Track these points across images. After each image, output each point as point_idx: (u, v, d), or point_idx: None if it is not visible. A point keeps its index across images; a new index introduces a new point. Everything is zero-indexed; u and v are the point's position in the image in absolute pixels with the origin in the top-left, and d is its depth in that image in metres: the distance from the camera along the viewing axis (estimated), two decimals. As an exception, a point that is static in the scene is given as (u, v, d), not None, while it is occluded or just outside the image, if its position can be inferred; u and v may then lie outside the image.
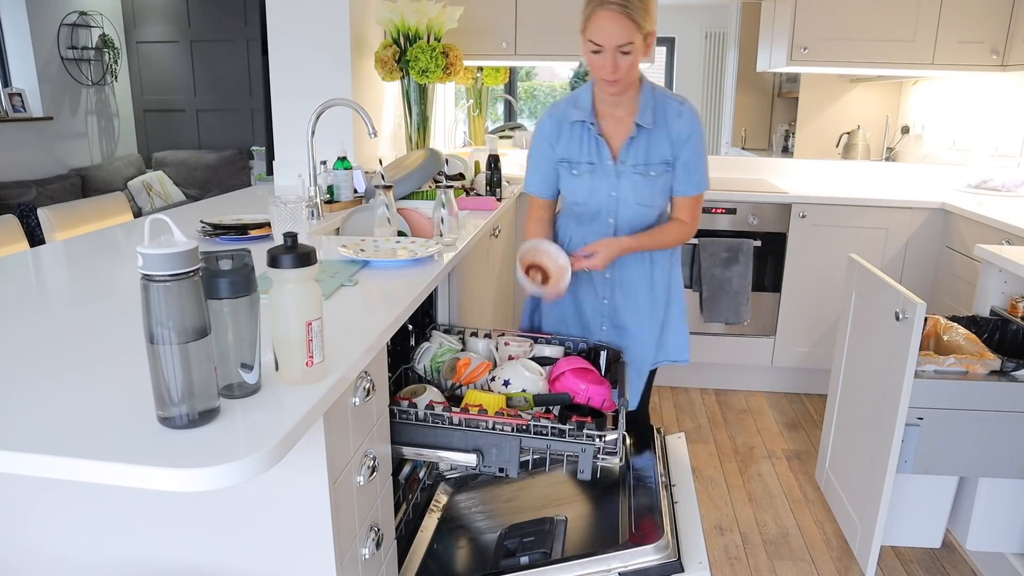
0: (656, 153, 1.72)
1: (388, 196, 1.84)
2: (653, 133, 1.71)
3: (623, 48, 1.57)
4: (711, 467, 2.67)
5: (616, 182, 1.74)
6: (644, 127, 1.70)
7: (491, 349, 1.70)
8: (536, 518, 1.56)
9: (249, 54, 5.78)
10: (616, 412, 1.46)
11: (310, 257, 0.95)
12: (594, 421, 1.38)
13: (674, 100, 1.72)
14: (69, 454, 0.78)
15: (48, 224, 2.61)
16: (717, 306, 3.12)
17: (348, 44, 2.70)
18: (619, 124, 1.74)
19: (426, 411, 1.38)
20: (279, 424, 0.86)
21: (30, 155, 4.99)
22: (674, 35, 3.92)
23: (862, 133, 3.71)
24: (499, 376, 1.51)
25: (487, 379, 1.54)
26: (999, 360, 1.83)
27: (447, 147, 3.85)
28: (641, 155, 1.72)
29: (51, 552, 1.11)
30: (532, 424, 1.36)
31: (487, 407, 1.39)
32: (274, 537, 1.06)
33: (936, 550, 2.18)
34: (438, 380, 1.59)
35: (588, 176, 1.76)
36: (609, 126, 1.75)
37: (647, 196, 1.75)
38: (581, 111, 1.74)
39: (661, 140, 1.71)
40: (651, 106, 1.70)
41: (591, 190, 1.76)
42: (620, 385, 1.57)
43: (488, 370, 1.55)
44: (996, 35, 3.07)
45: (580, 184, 1.77)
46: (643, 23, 1.57)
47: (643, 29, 1.58)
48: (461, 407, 1.40)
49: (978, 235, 2.71)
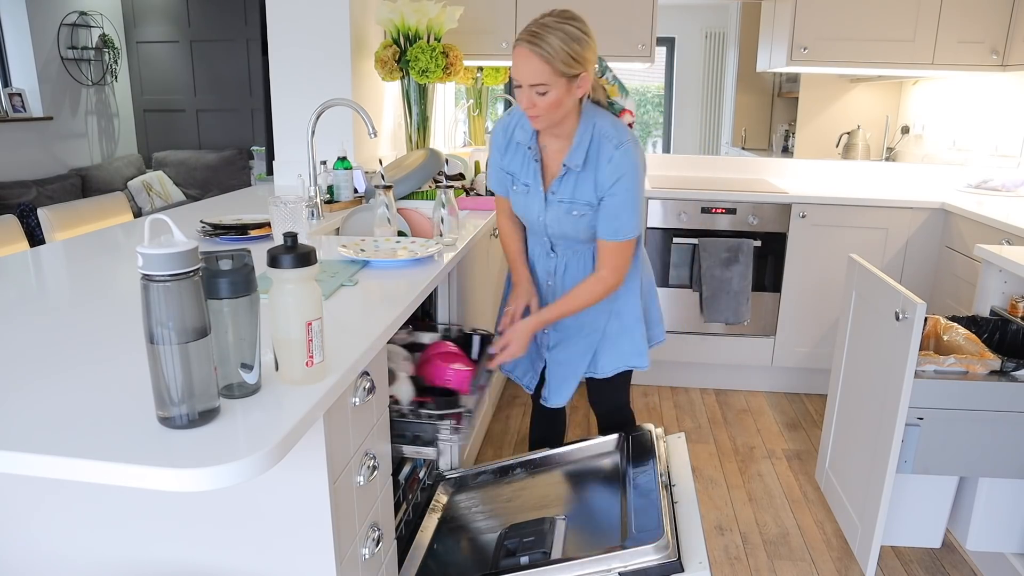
0: (581, 194, 1.68)
1: (388, 196, 1.84)
2: (581, 174, 1.67)
3: (537, 88, 1.53)
4: (711, 467, 2.67)
5: (545, 209, 1.74)
6: (571, 168, 1.67)
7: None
8: (536, 518, 1.56)
9: (249, 54, 5.78)
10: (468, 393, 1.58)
11: (310, 257, 0.95)
12: (435, 401, 1.53)
13: (610, 142, 1.64)
14: (69, 454, 0.78)
15: (48, 224, 2.61)
16: (717, 306, 3.12)
17: (348, 44, 2.70)
18: (555, 156, 1.72)
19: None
20: (279, 424, 0.86)
21: (30, 155, 4.99)
22: (674, 35, 3.92)
23: (862, 133, 3.71)
24: None
25: None
26: (999, 360, 1.83)
27: (447, 147, 3.85)
28: (568, 193, 1.69)
29: (51, 552, 1.11)
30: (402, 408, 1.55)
31: None
32: (274, 537, 1.06)
33: (936, 550, 2.18)
34: None
35: (523, 195, 1.77)
36: (548, 155, 1.73)
37: (571, 230, 1.74)
38: (525, 133, 1.72)
39: (587, 183, 1.67)
40: (585, 147, 1.65)
41: (526, 208, 1.78)
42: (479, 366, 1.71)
43: None
44: (996, 35, 3.07)
45: (517, 199, 1.79)
46: (564, 67, 1.51)
47: (565, 73, 1.52)
48: None
49: (978, 235, 2.71)
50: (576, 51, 1.52)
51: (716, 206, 3.13)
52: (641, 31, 3.18)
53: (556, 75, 1.52)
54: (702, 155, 3.85)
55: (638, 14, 3.17)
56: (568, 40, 1.51)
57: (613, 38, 3.19)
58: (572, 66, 1.52)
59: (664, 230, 3.15)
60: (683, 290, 3.22)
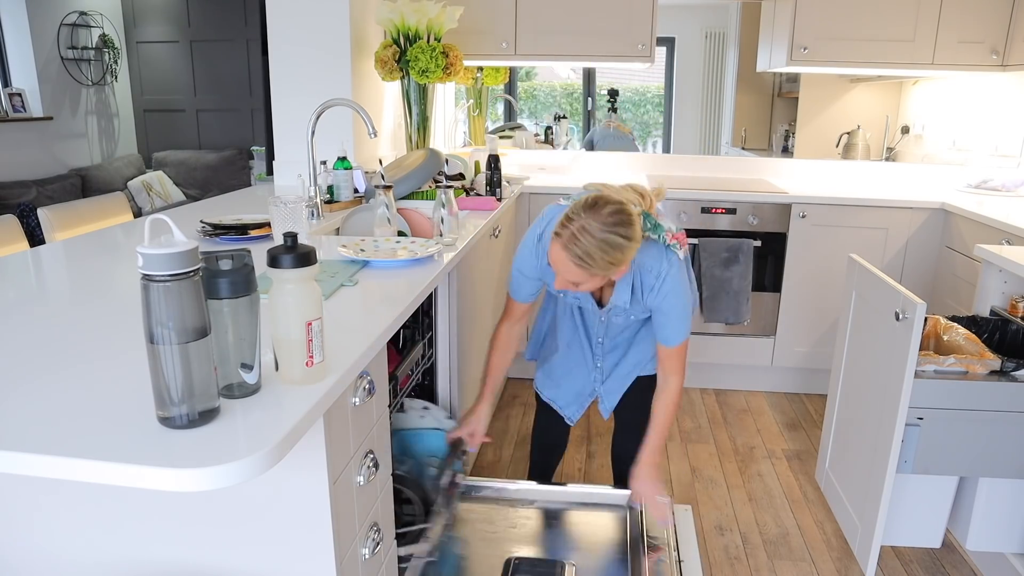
0: (636, 311, 1.77)
1: (388, 196, 1.84)
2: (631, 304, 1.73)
3: (575, 282, 1.54)
4: (711, 467, 2.67)
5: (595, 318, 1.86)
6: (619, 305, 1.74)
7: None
8: (546, 558, 1.60)
9: (249, 54, 5.78)
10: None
11: (310, 257, 0.95)
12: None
13: (651, 274, 1.64)
14: (69, 454, 0.78)
15: (48, 224, 2.61)
16: (717, 306, 3.12)
17: (348, 44, 2.70)
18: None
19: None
20: (279, 424, 0.86)
21: (30, 155, 4.99)
22: (674, 35, 3.92)
23: (862, 133, 3.71)
24: None
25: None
26: (999, 360, 1.83)
27: (447, 147, 3.85)
28: (621, 313, 1.78)
29: (51, 552, 1.11)
30: None
31: None
32: (274, 537, 1.06)
33: (936, 550, 2.18)
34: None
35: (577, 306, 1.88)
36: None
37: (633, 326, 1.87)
38: None
39: (637, 305, 1.74)
40: (628, 283, 1.68)
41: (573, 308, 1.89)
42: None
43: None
44: (996, 35, 3.07)
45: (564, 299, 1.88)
46: (603, 271, 1.50)
47: (605, 276, 1.53)
48: None
49: (978, 235, 2.71)
50: (617, 258, 1.48)
51: (716, 206, 3.13)
52: (641, 31, 3.18)
53: (596, 277, 1.53)
54: (702, 155, 3.85)
55: (638, 14, 3.17)
56: (609, 250, 1.46)
57: (613, 38, 3.20)
58: (611, 270, 1.51)
59: (664, 230, 3.15)
60: (683, 290, 3.22)
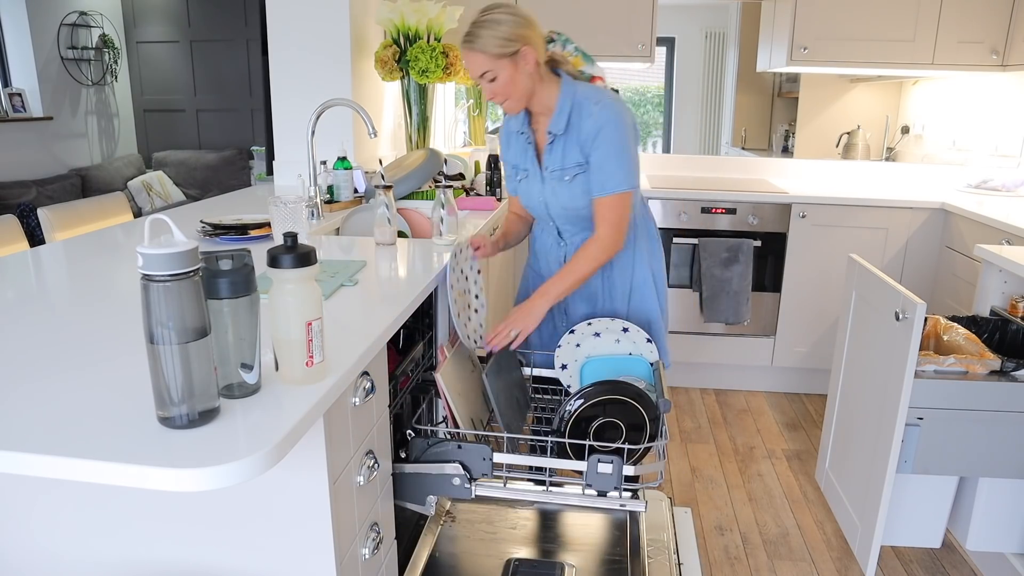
0: (570, 157, 1.74)
1: (388, 196, 1.84)
2: (567, 138, 1.73)
3: (486, 76, 1.65)
4: (711, 467, 2.67)
5: (543, 187, 1.80)
6: (556, 134, 1.73)
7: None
8: (546, 560, 1.59)
9: (249, 54, 5.78)
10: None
11: (310, 257, 0.95)
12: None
13: (590, 101, 1.70)
14: (69, 454, 0.78)
15: (48, 224, 2.61)
16: (717, 306, 3.12)
17: (348, 44, 2.70)
18: (544, 132, 1.79)
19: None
20: (279, 424, 0.86)
21: (30, 155, 4.99)
22: (674, 35, 3.92)
23: (862, 133, 3.71)
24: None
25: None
26: (999, 360, 1.83)
27: (447, 147, 3.85)
28: (558, 160, 1.75)
29: (51, 552, 1.11)
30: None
31: None
32: (274, 537, 1.06)
33: (936, 550, 2.18)
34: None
35: (526, 182, 1.84)
36: (540, 136, 1.80)
37: (568, 199, 1.77)
38: (519, 121, 1.81)
39: (572, 145, 1.73)
40: (566, 112, 1.71)
41: (528, 195, 1.85)
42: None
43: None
44: (996, 35, 3.07)
45: (522, 189, 1.86)
46: (498, 50, 1.61)
47: (501, 54, 1.61)
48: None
49: (978, 235, 2.71)
50: (504, 32, 1.61)
51: (716, 206, 3.13)
52: (641, 31, 3.18)
53: (494, 59, 1.62)
54: (702, 155, 3.85)
55: (638, 14, 3.17)
56: (493, 25, 1.61)
57: (613, 38, 3.20)
58: (506, 46, 1.62)
59: (664, 230, 3.15)
60: (683, 290, 3.22)
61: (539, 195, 1.81)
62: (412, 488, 1.39)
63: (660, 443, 1.42)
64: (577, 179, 1.73)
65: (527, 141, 1.80)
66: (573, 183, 1.74)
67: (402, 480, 1.39)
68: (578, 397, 1.45)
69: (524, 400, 1.74)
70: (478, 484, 1.37)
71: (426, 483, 1.38)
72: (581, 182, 1.73)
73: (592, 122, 1.68)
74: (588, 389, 1.45)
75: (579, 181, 1.73)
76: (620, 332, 1.73)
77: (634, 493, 1.37)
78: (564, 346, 1.75)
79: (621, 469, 1.31)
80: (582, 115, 1.70)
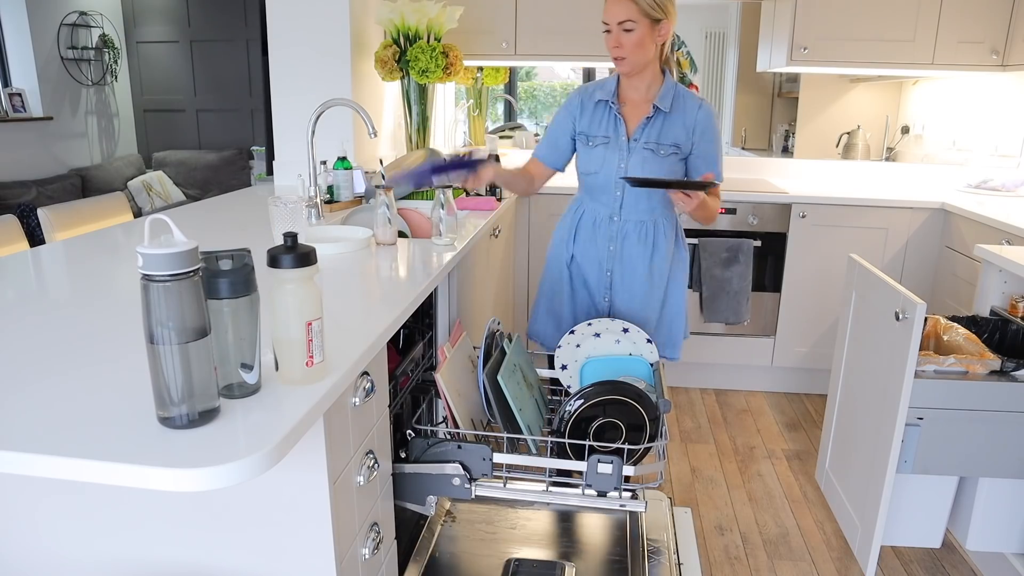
0: (669, 135, 1.87)
1: (388, 196, 1.84)
2: (670, 117, 1.87)
3: (624, 25, 1.75)
4: (711, 467, 2.67)
5: (626, 156, 1.89)
6: (662, 110, 1.86)
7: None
8: (546, 560, 1.59)
9: (249, 54, 5.77)
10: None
11: (310, 257, 0.95)
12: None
13: (695, 97, 1.89)
14: (69, 454, 0.78)
15: (48, 224, 2.61)
16: (717, 306, 3.12)
17: (348, 44, 2.70)
18: (637, 108, 1.91)
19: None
20: (279, 424, 0.86)
21: (30, 155, 4.99)
22: (674, 35, 3.92)
23: (862, 133, 3.71)
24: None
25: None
26: (999, 360, 1.83)
27: (447, 147, 3.85)
28: (655, 135, 1.88)
29: (52, 552, 1.11)
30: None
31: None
32: (274, 537, 1.06)
33: (936, 550, 2.18)
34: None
35: (602, 148, 1.92)
36: (628, 109, 1.92)
37: (653, 172, 1.88)
38: (605, 92, 1.92)
39: (676, 124, 1.86)
40: (671, 95, 1.87)
41: (603, 161, 1.92)
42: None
43: None
44: (996, 35, 3.07)
45: (594, 155, 1.93)
46: (648, 8, 1.74)
47: (648, 13, 1.74)
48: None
49: (978, 235, 2.71)
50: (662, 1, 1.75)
51: (716, 206, 3.13)
52: (641, 31, 3.18)
53: (641, 14, 1.74)
54: (702, 155, 3.84)
55: (638, 14, 3.16)
56: None
57: (613, 38, 3.19)
58: (656, 10, 1.75)
59: (664, 230, 3.15)
60: (683, 290, 3.22)
61: (619, 162, 1.89)
62: (412, 488, 1.39)
63: (660, 443, 1.42)
64: (669, 157, 1.86)
65: (616, 112, 1.89)
66: (665, 159, 1.86)
67: (402, 480, 1.38)
68: (578, 397, 1.45)
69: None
70: (478, 484, 1.37)
71: (426, 483, 1.38)
72: (672, 161, 1.87)
73: (703, 115, 1.85)
74: (588, 389, 1.45)
75: (671, 159, 1.87)
76: (620, 332, 1.74)
77: (634, 493, 1.37)
78: (564, 346, 1.75)
79: (621, 469, 1.31)
80: (687, 104, 1.86)
